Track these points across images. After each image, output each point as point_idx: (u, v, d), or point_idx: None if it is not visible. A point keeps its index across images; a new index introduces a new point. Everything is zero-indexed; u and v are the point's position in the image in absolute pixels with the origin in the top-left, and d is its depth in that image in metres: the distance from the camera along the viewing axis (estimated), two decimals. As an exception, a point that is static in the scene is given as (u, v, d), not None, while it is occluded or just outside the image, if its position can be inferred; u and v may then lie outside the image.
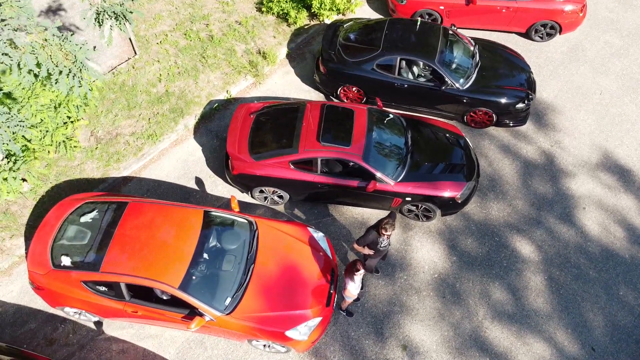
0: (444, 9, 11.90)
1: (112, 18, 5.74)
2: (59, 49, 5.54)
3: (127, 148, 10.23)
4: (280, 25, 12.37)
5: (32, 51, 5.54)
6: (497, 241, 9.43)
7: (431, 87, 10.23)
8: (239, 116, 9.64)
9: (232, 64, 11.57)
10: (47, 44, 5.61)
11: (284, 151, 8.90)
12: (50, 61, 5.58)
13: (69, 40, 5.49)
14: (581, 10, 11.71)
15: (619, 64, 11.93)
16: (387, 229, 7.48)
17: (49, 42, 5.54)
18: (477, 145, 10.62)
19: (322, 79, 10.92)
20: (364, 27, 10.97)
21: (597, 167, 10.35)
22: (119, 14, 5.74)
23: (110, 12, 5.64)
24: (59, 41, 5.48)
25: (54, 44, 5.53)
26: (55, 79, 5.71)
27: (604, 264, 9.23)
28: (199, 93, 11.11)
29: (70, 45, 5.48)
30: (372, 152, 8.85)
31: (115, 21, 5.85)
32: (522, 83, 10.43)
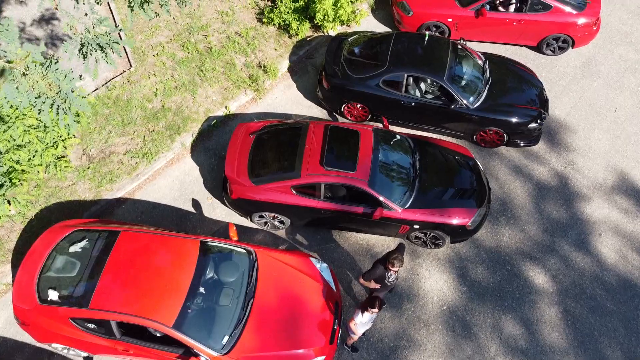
0: (452, 21, 11.43)
1: (97, 50, 5.28)
2: (42, 77, 5.07)
3: (120, 167, 9.75)
4: (282, 37, 11.89)
5: (11, 79, 5.07)
6: (509, 270, 8.97)
7: (440, 105, 9.76)
8: (238, 136, 9.17)
9: (232, 77, 11.09)
10: (29, 72, 5.14)
11: (286, 175, 8.44)
12: (32, 91, 5.11)
13: (53, 68, 5.01)
14: (595, 24, 11.24)
15: (634, 80, 11.47)
16: (395, 264, 7.03)
17: (31, 71, 5.06)
18: (487, 165, 10.15)
19: (325, 95, 10.45)
20: (370, 41, 10.50)
21: (612, 190, 9.89)
22: (104, 45, 5.27)
23: (95, 44, 5.18)
24: (41, 69, 5.01)
25: (37, 72, 5.06)
26: (38, 110, 5.24)
27: (622, 295, 8.77)
28: (196, 109, 10.63)
29: (54, 74, 5.01)
30: (378, 177, 8.38)
31: (101, 53, 5.38)
32: (534, 101, 9.97)
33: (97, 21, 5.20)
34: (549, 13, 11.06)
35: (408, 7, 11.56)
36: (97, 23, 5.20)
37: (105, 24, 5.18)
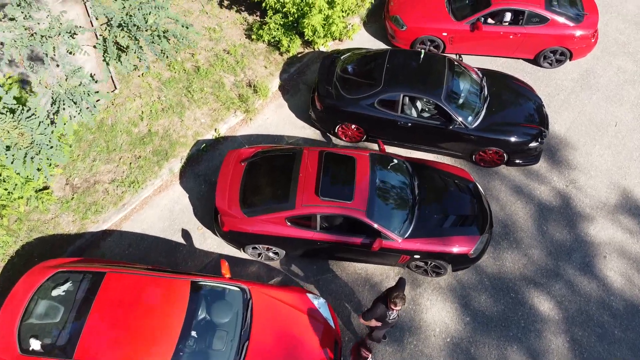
0: (447, 35, 11.10)
1: (71, 106, 4.87)
2: (13, 127, 4.66)
3: (106, 197, 9.32)
4: (272, 54, 11.49)
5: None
6: (513, 297, 8.66)
7: (437, 125, 9.42)
8: (228, 165, 8.76)
9: (221, 98, 10.68)
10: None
11: (279, 206, 8.05)
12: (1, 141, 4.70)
13: (25, 116, 4.60)
14: (593, 36, 10.96)
15: (634, 92, 11.20)
16: (397, 303, 6.68)
17: (2, 119, 4.65)
18: (488, 186, 9.83)
19: (318, 116, 10.07)
20: (363, 59, 10.13)
21: (616, 209, 9.61)
22: (78, 100, 4.87)
23: (69, 98, 4.77)
24: (11, 119, 4.59)
25: (7, 121, 4.64)
26: (10, 161, 4.82)
27: (630, 321, 8.49)
28: (184, 132, 10.21)
29: (26, 123, 4.60)
30: (376, 206, 8.03)
31: (76, 108, 4.97)
32: (534, 118, 9.66)
33: (70, 72, 4.80)
34: (546, 26, 10.76)
35: (402, 21, 11.22)
36: (70, 74, 4.79)
37: (79, 75, 4.78)
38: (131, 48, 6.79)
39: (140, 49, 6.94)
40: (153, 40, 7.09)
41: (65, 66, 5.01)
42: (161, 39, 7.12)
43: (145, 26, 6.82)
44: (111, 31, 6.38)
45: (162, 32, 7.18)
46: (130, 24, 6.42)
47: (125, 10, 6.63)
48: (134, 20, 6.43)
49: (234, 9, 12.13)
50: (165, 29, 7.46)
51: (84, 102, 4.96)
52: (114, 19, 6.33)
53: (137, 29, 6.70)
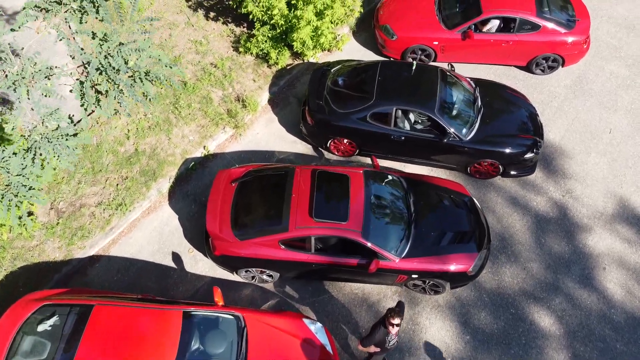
0: (438, 44, 10.92)
1: (48, 152, 4.61)
2: (-13, 169, 4.39)
3: (93, 221, 9.03)
4: (260, 67, 11.24)
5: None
6: (514, 313, 8.50)
7: (431, 138, 9.24)
8: (218, 186, 8.51)
9: (209, 114, 10.41)
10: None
11: (272, 229, 7.82)
12: (-23, 184, 4.42)
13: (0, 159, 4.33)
14: (585, 42, 10.84)
15: (627, 97, 11.10)
16: (394, 317, 6.51)
17: (-25, 160, 4.37)
18: (484, 198, 9.66)
19: (309, 131, 9.85)
20: (354, 71, 9.92)
21: (614, 219, 9.49)
22: (56, 146, 4.60)
23: (46, 144, 4.50)
24: (-14, 160, 4.33)
25: (-19, 162, 4.37)
26: (-14, 203, 4.55)
27: (632, 334, 8.36)
28: (172, 150, 9.94)
29: (2, 164, 4.33)
30: (372, 225, 7.82)
31: (53, 153, 4.71)
32: (529, 128, 9.51)
33: (46, 115, 4.53)
34: (538, 33, 10.62)
35: (392, 31, 11.02)
36: (46, 117, 4.53)
37: (56, 118, 4.52)
38: (110, 93, 6.52)
39: (121, 92, 6.66)
40: (133, 84, 6.82)
41: (40, 110, 4.76)
42: (143, 82, 6.85)
43: (125, 69, 6.56)
44: (88, 76, 6.11)
45: (144, 74, 6.90)
46: (108, 68, 6.16)
47: (103, 52, 6.38)
48: (112, 64, 6.18)
49: (221, 21, 11.86)
50: (148, 69, 7.16)
51: (62, 147, 4.70)
52: (91, 64, 6.08)
53: (116, 72, 6.44)
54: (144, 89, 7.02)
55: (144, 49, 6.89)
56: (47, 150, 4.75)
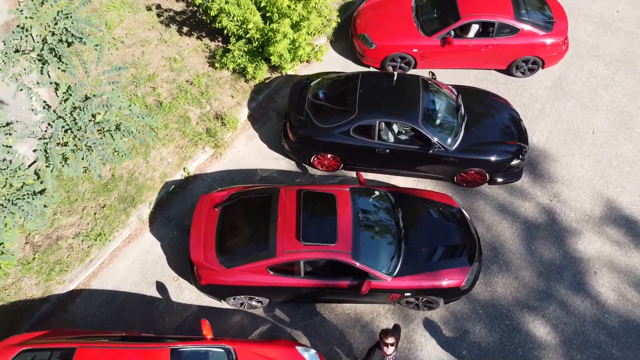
0: (417, 51, 10.77)
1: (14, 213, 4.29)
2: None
3: (71, 254, 8.66)
4: (238, 82, 10.96)
5: None
6: (508, 324, 8.39)
7: (416, 150, 9.08)
8: (201, 212, 8.22)
9: (187, 134, 10.10)
10: None
11: (259, 255, 7.57)
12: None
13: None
14: (564, 43, 10.80)
15: (607, 97, 11.10)
16: (387, 337, 6.38)
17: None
18: (472, 207, 9.54)
19: (292, 147, 9.61)
20: (334, 84, 9.71)
21: (602, 221, 9.45)
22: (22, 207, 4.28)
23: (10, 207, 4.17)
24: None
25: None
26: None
27: (626, 339, 8.32)
28: (151, 174, 9.61)
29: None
30: (362, 245, 7.62)
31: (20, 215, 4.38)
32: (513, 134, 9.41)
33: (9, 173, 4.21)
34: (517, 36, 10.54)
35: (370, 39, 10.84)
36: (9, 175, 4.21)
37: (22, 174, 4.20)
38: (78, 154, 6.18)
39: (89, 149, 6.33)
40: (102, 140, 6.42)
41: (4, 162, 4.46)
42: (114, 137, 6.51)
43: (93, 126, 6.19)
44: (52, 137, 5.75)
45: (115, 128, 6.54)
46: (74, 127, 5.82)
47: (68, 108, 6.01)
48: (79, 122, 5.85)
49: (195, 36, 11.55)
50: (118, 122, 6.77)
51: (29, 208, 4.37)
52: (55, 124, 5.74)
53: (83, 131, 6.06)
54: (114, 145, 6.65)
55: (113, 102, 6.51)
56: (11, 213, 4.42)
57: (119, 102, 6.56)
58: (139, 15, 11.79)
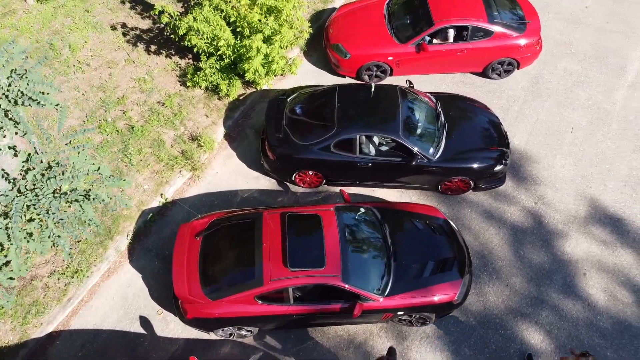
0: (393, 59, 10.62)
1: None
2: None
3: (47, 294, 8.26)
4: (211, 100, 10.65)
5: None
6: (503, 334, 8.29)
7: (399, 162, 8.92)
8: (182, 242, 7.92)
9: (162, 158, 9.76)
10: None
11: (246, 284, 7.30)
12: None
13: None
14: (537, 43, 10.78)
15: (583, 94, 11.12)
16: None
17: None
18: (458, 215, 9.44)
19: (272, 166, 9.35)
20: (311, 98, 9.49)
21: (587, 221, 9.44)
22: None
23: None
24: None
25: None
26: None
27: (619, 340, 8.31)
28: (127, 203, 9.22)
29: None
30: (351, 267, 7.42)
31: None
32: (495, 139, 9.33)
33: None
34: (491, 39, 10.48)
35: (344, 49, 10.64)
36: None
37: None
38: (44, 231, 5.82)
39: (58, 223, 5.96)
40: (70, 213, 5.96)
41: None
42: (83, 208, 6.13)
43: (58, 202, 5.72)
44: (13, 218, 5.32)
45: (84, 196, 6.13)
46: (38, 205, 5.47)
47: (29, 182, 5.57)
48: (42, 200, 5.49)
49: (164, 54, 11.19)
50: (87, 189, 6.34)
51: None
52: (14, 203, 5.38)
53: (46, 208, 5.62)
54: (84, 216, 6.22)
55: (79, 167, 6.03)
56: None
57: (86, 166, 6.12)
58: (104, 35, 11.38)
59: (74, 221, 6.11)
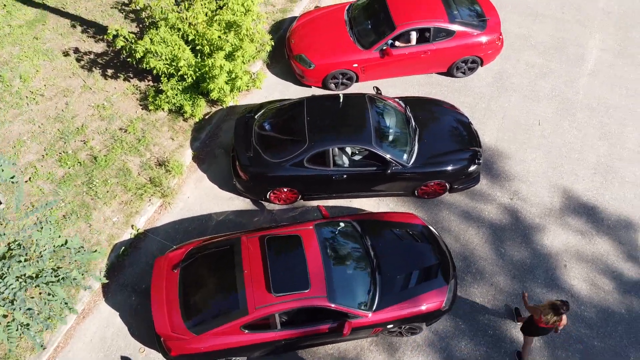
0: (358, 66, 10.51)
1: None
2: None
3: (19, 343, 7.81)
4: (176, 122, 10.31)
5: None
6: (492, 335, 8.29)
7: (374, 171, 8.82)
8: (159, 277, 7.61)
9: (130, 187, 9.39)
10: None
11: (230, 315, 7.06)
12: None
13: None
14: (498, 39, 10.85)
15: (547, 85, 11.27)
16: None
17: None
18: (436, 219, 9.40)
19: (245, 186, 9.12)
20: (280, 113, 9.29)
21: (562, 213, 9.55)
22: None
23: None
24: None
25: None
26: None
27: (605, 328, 8.42)
28: (97, 238, 8.85)
29: None
30: (336, 286, 7.27)
31: None
32: (466, 139, 9.33)
33: None
34: (454, 38, 10.49)
35: (308, 60, 10.48)
36: None
37: None
38: (11, 325, 5.44)
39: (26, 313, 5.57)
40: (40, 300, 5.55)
41: None
42: (54, 293, 5.72)
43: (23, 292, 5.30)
44: None
45: (53, 278, 5.72)
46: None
47: None
48: (4, 292, 5.10)
49: (122, 78, 10.79)
50: (56, 268, 5.93)
51: None
52: None
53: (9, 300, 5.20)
54: (57, 300, 5.77)
55: (43, 245, 5.56)
56: None
57: (52, 242, 5.68)
58: (56, 62, 10.90)
59: (44, 308, 5.66)
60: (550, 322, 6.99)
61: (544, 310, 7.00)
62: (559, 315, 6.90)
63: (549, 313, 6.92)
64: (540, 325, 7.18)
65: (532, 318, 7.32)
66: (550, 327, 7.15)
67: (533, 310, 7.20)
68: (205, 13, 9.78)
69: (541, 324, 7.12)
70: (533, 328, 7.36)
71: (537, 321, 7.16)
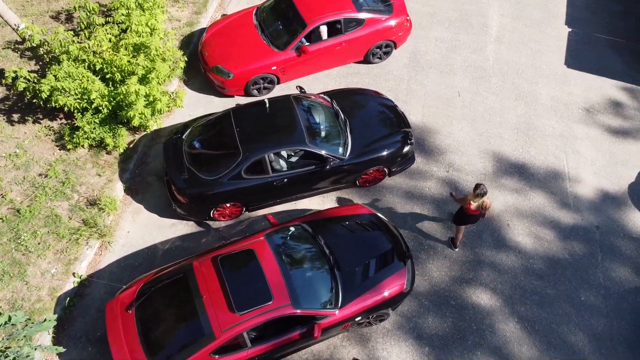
0: (277, 68, 10.44)
1: None
2: None
3: None
4: (100, 156, 9.80)
5: None
6: (455, 305, 8.57)
7: (313, 170, 8.82)
8: (114, 321, 7.22)
9: (62, 234, 8.82)
10: None
11: (197, 344, 6.82)
12: None
13: None
14: (407, 21, 11.16)
15: (459, 57, 11.73)
16: None
17: None
18: (381, 205, 9.56)
19: (185, 209, 8.83)
20: (207, 129, 9.07)
21: (496, 176, 10.00)
22: None
23: None
24: None
25: None
26: None
27: (554, 276, 8.93)
28: (37, 295, 8.25)
29: None
30: (299, 291, 7.22)
31: None
32: (395, 122, 9.55)
33: None
34: (364, 27, 10.68)
35: (226, 70, 10.28)
36: None
37: None
38: None
39: None
40: None
41: None
42: None
43: None
44: None
45: None
46: None
47: None
48: None
49: (30, 121, 10.09)
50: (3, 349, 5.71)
51: None
52: None
53: None
54: None
55: None
56: None
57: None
58: (-47, 117, 10.02)
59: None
60: (478, 207, 7.96)
61: (471, 197, 7.95)
62: (482, 195, 7.81)
63: (476, 197, 7.84)
64: (469, 213, 8.14)
65: (461, 209, 8.27)
66: (478, 213, 8.11)
67: (462, 201, 8.18)
68: (109, 39, 9.36)
69: (470, 211, 8.06)
70: (464, 216, 8.35)
71: (466, 210, 8.12)
